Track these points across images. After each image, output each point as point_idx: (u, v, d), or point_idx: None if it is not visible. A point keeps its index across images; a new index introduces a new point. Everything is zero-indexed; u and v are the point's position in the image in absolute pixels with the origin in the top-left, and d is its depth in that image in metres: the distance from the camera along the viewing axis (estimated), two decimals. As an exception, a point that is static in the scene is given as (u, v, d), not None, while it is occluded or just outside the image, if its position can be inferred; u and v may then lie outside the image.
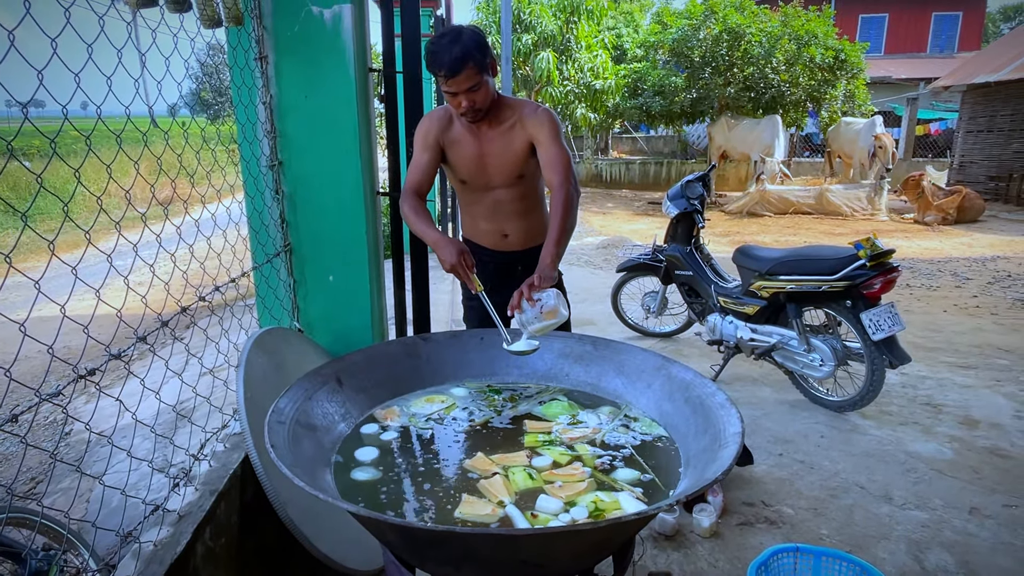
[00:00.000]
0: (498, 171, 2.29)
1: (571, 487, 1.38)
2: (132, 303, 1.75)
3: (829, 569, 2.19)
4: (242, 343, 2.04)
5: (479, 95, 2.08)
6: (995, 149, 14.36)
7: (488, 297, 2.05)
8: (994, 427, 3.58)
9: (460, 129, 2.25)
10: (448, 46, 1.98)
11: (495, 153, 2.25)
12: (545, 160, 2.19)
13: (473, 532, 1.15)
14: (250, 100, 2.27)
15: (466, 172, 2.30)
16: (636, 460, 1.50)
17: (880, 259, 3.40)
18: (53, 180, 8.14)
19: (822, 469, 3.14)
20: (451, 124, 2.25)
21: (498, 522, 1.26)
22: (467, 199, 2.44)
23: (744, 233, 10.70)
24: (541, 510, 1.30)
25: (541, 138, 2.19)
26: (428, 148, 2.25)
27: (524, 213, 2.43)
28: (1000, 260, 8.30)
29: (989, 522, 2.70)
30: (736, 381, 4.27)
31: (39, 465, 3.48)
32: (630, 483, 1.41)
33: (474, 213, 2.46)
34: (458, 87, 2.03)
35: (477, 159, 2.26)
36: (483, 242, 2.50)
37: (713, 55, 14.46)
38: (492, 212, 2.40)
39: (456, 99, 2.07)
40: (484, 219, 2.44)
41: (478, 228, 2.49)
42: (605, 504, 1.32)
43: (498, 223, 2.43)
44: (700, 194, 4.37)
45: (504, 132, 2.23)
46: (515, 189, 2.35)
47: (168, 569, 1.43)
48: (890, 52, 22.64)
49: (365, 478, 1.46)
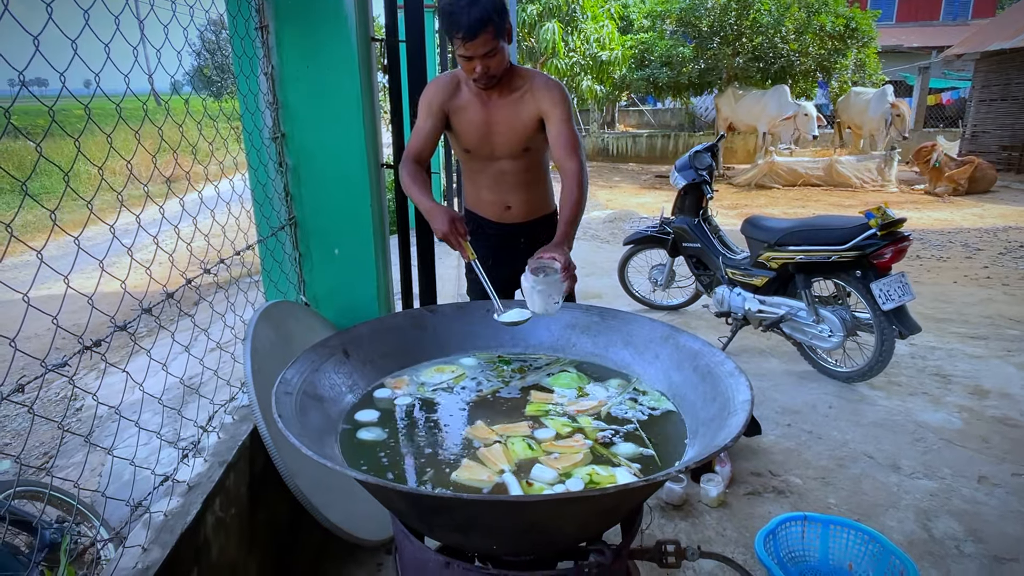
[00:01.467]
0: (504, 141, 2.25)
1: (568, 458, 1.37)
2: (139, 280, 1.74)
3: (837, 537, 2.20)
4: (249, 317, 2.04)
5: (495, 61, 2.03)
6: (1008, 118, 14.11)
7: (489, 269, 2.07)
8: (1004, 397, 3.56)
9: (467, 96, 2.20)
10: (467, 7, 1.91)
11: (502, 122, 2.21)
12: (556, 139, 2.15)
13: (480, 499, 1.15)
14: (251, 70, 2.24)
15: (471, 140, 2.26)
16: (639, 435, 1.49)
17: (891, 228, 3.35)
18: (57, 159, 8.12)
19: (830, 439, 3.14)
20: (458, 90, 2.21)
21: (492, 488, 1.27)
22: (471, 169, 2.40)
23: (752, 205, 10.61)
24: (536, 479, 1.30)
25: (553, 115, 2.15)
26: (432, 114, 2.20)
27: (528, 185, 2.40)
28: (1012, 231, 8.21)
29: (998, 490, 2.69)
30: (744, 353, 4.26)
31: (51, 440, 3.52)
32: (629, 457, 1.40)
33: (478, 183, 2.43)
34: (474, 51, 1.98)
35: (483, 127, 2.22)
36: (485, 213, 2.47)
37: (721, 24, 14.20)
38: (495, 183, 2.37)
39: (471, 63, 2.02)
40: (487, 190, 2.41)
41: (481, 199, 2.46)
42: (601, 477, 1.31)
43: (501, 195, 2.40)
44: (709, 164, 4.32)
45: (514, 102, 2.19)
46: (520, 161, 2.31)
47: (179, 538, 1.45)
48: (902, 20, 22.19)
49: (370, 438, 1.48)
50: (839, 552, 2.19)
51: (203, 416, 1.94)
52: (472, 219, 2.51)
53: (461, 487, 1.29)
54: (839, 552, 2.19)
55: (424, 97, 2.23)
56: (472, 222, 2.50)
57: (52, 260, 1.10)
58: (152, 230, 1.63)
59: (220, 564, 1.67)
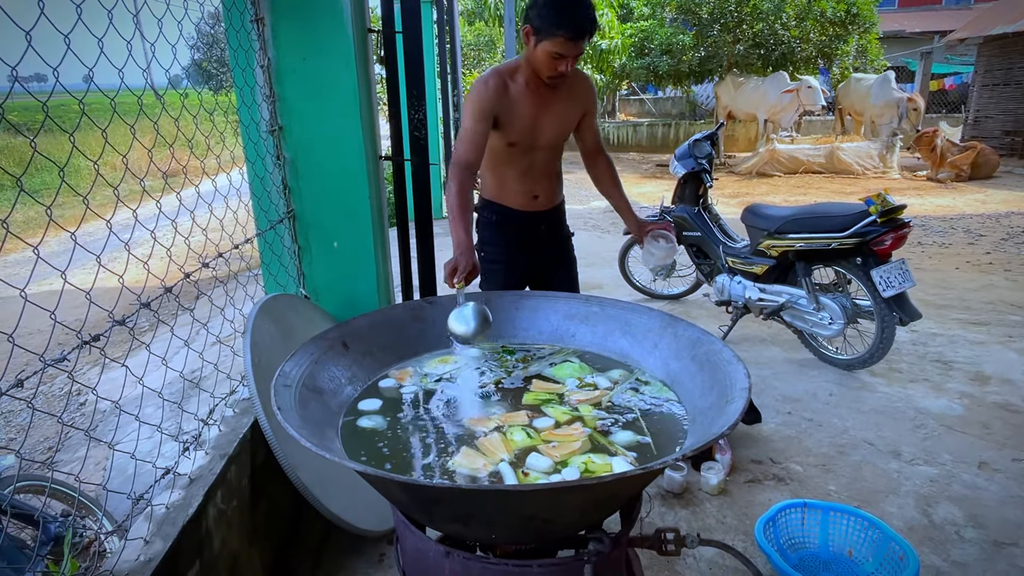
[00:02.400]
0: (551, 133, 2.33)
1: (565, 447, 1.38)
2: (138, 275, 1.75)
3: (836, 523, 2.21)
4: (248, 311, 2.05)
5: (574, 63, 2.11)
6: (1011, 103, 14.02)
7: (514, 255, 2.48)
8: (1005, 383, 3.56)
9: (518, 90, 2.24)
10: (578, 7, 1.97)
11: (553, 115, 2.30)
12: (592, 134, 2.46)
13: (479, 489, 1.15)
14: (247, 63, 2.24)
15: (518, 134, 2.29)
16: (638, 424, 1.49)
17: (891, 215, 3.35)
18: (57, 154, 8.12)
19: (831, 427, 3.14)
20: (507, 89, 2.23)
21: (488, 476, 1.28)
22: (504, 161, 2.41)
23: (754, 194, 10.58)
24: (531, 468, 1.31)
25: (591, 109, 2.40)
26: (484, 118, 2.20)
27: (554, 175, 2.52)
28: (1014, 216, 8.18)
29: (998, 476, 2.70)
30: (745, 341, 4.26)
31: (56, 435, 3.54)
32: (626, 446, 1.40)
33: (505, 176, 2.45)
34: (573, 51, 2.03)
35: (533, 119, 2.27)
36: (511, 203, 2.49)
37: (722, 11, 14.11)
38: (526, 174, 2.43)
39: (560, 61, 2.06)
40: (516, 181, 2.45)
41: (508, 189, 2.48)
42: (596, 466, 1.31)
43: (530, 184, 2.45)
44: (708, 153, 4.30)
45: (562, 97, 2.29)
46: (555, 151, 2.43)
47: (181, 531, 1.46)
48: (904, 5, 22.05)
49: (370, 426, 1.49)
50: (839, 538, 2.20)
51: (204, 410, 1.95)
52: (494, 210, 2.52)
53: (458, 475, 1.29)
54: (839, 538, 2.20)
55: (474, 100, 2.20)
56: (494, 212, 2.52)
57: (52, 256, 1.11)
58: (150, 225, 1.63)
59: (222, 556, 1.69)
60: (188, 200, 1.75)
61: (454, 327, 1.79)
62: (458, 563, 1.33)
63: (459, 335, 1.79)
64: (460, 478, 1.29)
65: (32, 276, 1.31)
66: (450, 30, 8.02)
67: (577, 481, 1.23)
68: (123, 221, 1.53)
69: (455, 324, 1.79)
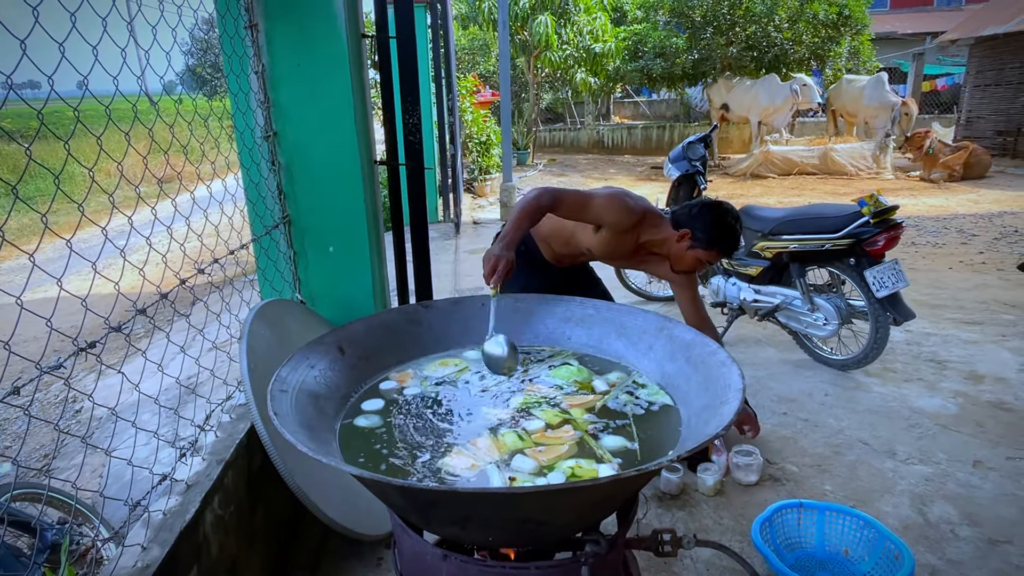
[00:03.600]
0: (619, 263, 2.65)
1: (553, 450, 1.38)
2: (134, 281, 1.75)
3: (832, 523, 2.22)
4: (245, 316, 2.05)
5: None
6: (1003, 103, 14.10)
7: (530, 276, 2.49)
8: (999, 381, 3.58)
9: (633, 239, 2.35)
10: (738, 234, 2.26)
11: (636, 262, 2.54)
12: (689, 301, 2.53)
13: (474, 491, 1.16)
14: (242, 69, 2.24)
15: (600, 254, 2.45)
16: (628, 429, 1.49)
17: (884, 215, 3.37)
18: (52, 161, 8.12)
19: (826, 427, 3.16)
20: (634, 229, 2.32)
21: (476, 477, 1.29)
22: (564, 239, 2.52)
23: (748, 195, 10.62)
24: (516, 469, 1.31)
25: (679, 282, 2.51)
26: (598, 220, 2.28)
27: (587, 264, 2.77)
28: (1007, 216, 8.22)
29: (992, 474, 2.72)
30: (740, 343, 4.28)
31: (52, 443, 3.53)
32: (615, 450, 1.40)
33: (554, 242, 2.57)
34: (715, 260, 2.32)
35: (616, 257, 2.50)
36: (542, 249, 2.63)
37: (714, 14, 14.17)
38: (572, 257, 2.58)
39: (700, 264, 2.32)
40: (559, 250, 2.58)
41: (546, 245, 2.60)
42: (583, 471, 1.30)
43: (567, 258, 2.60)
44: (702, 155, 4.33)
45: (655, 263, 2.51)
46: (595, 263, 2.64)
47: (178, 537, 1.46)
48: (896, 6, 22.16)
49: (366, 425, 1.51)
50: (835, 538, 2.21)
51: (201, 415, 1.95)
52: (527, 244, 2.60)
53: (446, 475, 1.31)
54: (835, 538, 2.21)
55: (616, 210, 2.25)
56: (525, 245, 2.59)
57: (48, 263, 1.11)
58: (145, 231, 1.64)
59: (220, 561, 1.69)
60: (183, 206, 1.75)
61: (490, 350, 1.80)
62: (455, 566, 1.34)
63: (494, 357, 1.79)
64: (448, 477, 1.30)
65: (28, 283, 1.31)
66: (444, 34, 8.04)
67: (573, 483, 1.23)
68: (119, 228, 1.53)
69: (491, 348, 1.80)
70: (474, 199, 11.08)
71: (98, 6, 1.40)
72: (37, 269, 1.20)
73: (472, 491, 1.14)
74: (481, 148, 11.29)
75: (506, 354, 1.78)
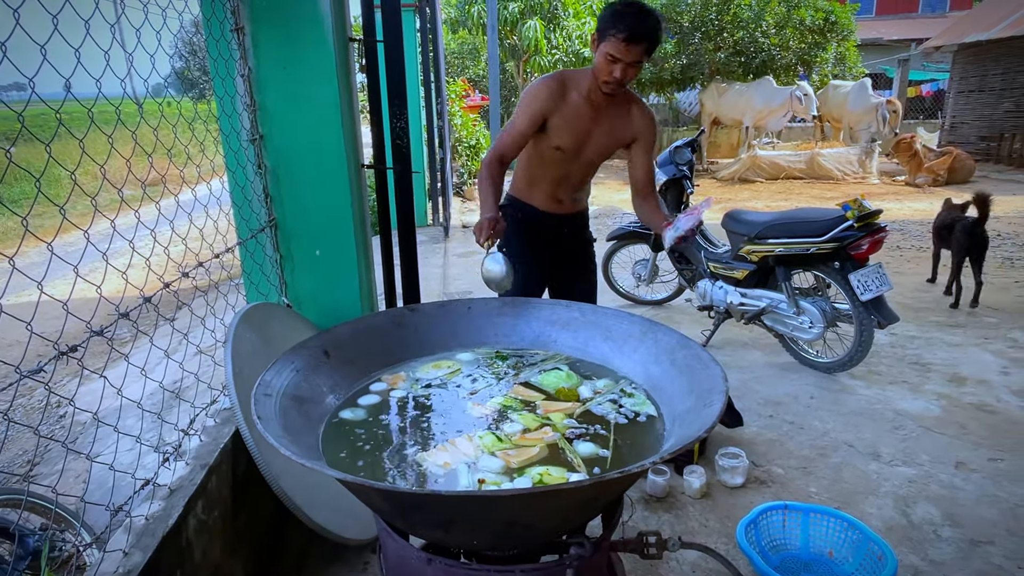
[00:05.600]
0: (597, 148, 2.38)
1: (523, 452, 1.38)
2: (117, 286, 1.74)
3: (817, 525, 2.24)
4: (230, 320, 2.04)
5: (632, 72, 2.13)
6: (986, 109, 14.30)
7: (535, 254, 2.48)
8: (981, 383, 3.62)
9: (577, 99, 2.27)
10: (639, 13, 2.03)
11: (602, 132, 2.34)
12: (641, 167, 2.39)
13: (454, 494, 1.16)
14: (227, 72, 2.24)
15: (567, 141, 2.33)
16: (606, 436, 1.48)
17: (867, 220, 3.40)
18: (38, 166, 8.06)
19: (812, 429, 3.18)
20: (565, 94, 2.27)
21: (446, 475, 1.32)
22: (541, 163, 2.45)
23: (736, 199, 10.69)
24: (483, 469, 1.33)
25: (644, 143, 2.38)
26: (532, 116, 2.26)
27: (583, 185, 2.57)
28: (990, 220, 8.30)
29: (975, 476, 2.74)
30: (727, 346, 4.30)
31: (33, 448, 3.49)
32: (587, 457, 1.39)
33: (539, 177, 2.49)
34: (626, 56, 2.07)
35: (584, 132, 2.32)
36: (536, 203, 2.55)
37: (702, 20, 14.29)
38: (560, 180, 2.47)
39: (614, 66, 2.10)
40: (547, 184, 2.49)
41: (536, 190, 2.53)
42: (552, 478, 1.30)
43: (559, 190, 2.51)
44: (689, 160, 4.35)
45: (617, 116, 2.32)
46: (593, 166, 2.47)
47: (160, 541, 1.45)
48: (881, 13, 22.41)
49: (351, 417, 1.56)
50: (819, 540, 2.23)
51: (185, 420, 1.93)
52: (519, 206, 2.57)
53: (422, 473, 1.33)
54: (819, 540, 2.23)
55: (530, 100, 2.26)
56: (519, 209, 2.57)
57: (30, 267, 1.10)
58: (129, 235, 1.63)
59: (203, 566, 1.68)
60: (168, 210, 1.74)
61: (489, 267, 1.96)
62: (440, 570, 1.33)
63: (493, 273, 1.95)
64: (424, 472, 1.33)
65: (8, 287, 1.30)
66: (433, 38, 8.05)
67: (556, 486, 1.23)
68: (102, 231, 1.52)
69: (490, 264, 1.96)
70: (463, 203, 11.09)
71: (82, 8, 1.39)
72: (18, 273, 1.19)
73: (453, 494, 1.14)
74: (470, 152, 11.30)
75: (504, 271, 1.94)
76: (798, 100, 12.19)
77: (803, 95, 12.12)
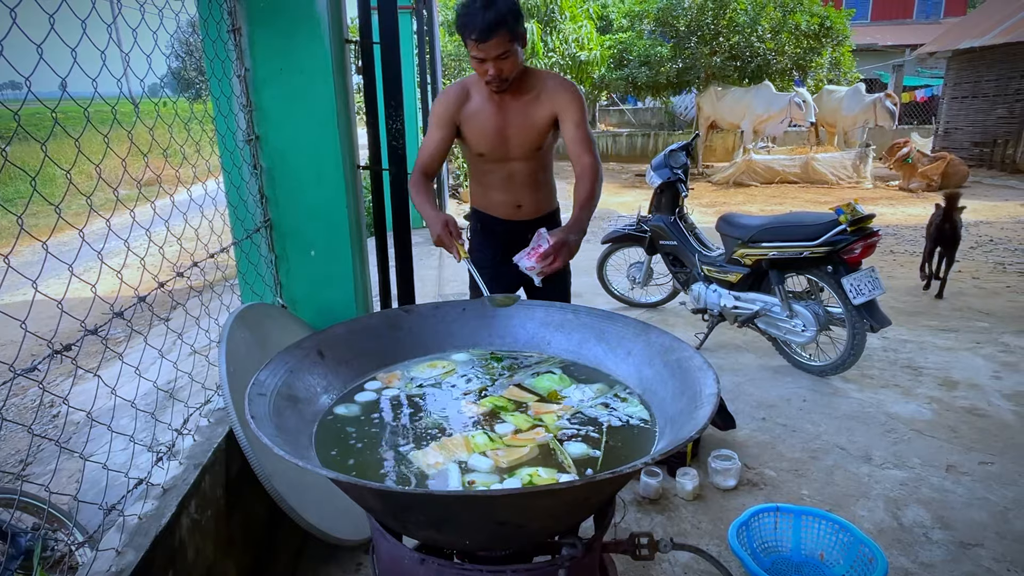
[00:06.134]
0: (518, 143, 2.27)
1: (513, 452, 1.39)
2: (112, 285, 1.74)
3: (808, 527, 2.25)
4: (224, 320, 2.04)
5: (507, 64, 2.05)
6: (979, 115, 14.39)
7: (498, 265, 2.27)
8: (972, 387, 3.65)
9: (479, 101, 2.22)
10: (481, 9, 1.94)
11: (516, 125, 2.23)
12: (571, 138, 2.19)
13: (447, 494, 1.17)
14: (224, 73, 2.24)
15: (484, 145, 2.27)
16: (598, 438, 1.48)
17: (860, 224, 3.42)
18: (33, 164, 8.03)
19: (804, 432, 3.19)
20: (468, 98, 2.23)
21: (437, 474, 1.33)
22: (481, 170, 2.42)
23: (731, 203, 10.72)
24: (472, 468, 1.34)
25: (568, 115, 2.19)
26: (441, 127, 2.23)
27: (537, 184, 2.44)
28: (983, 225, 8.38)
29: (965, 479, 2.76)
30: (720, 348, 4.32)
31: (26, 448, 3.48)
32: (577, 457, 1.40)
33: (488, 184, 2.44)
34: (487, 53, 2.00)
35: (497, 130, 2.24)
36: (495, 212, 2.49)
37: (699, 24, 14.34)
38: (507, 184, 2.40)
39: (483, 66, 2.04)
40: (498, 190, 2.43)
41: (491, 199, 2.47)
42: (541, 479, 1.31)
43: (512, 194, 2.42)
44: (683, 163, 4.37)
45: (527, 103, 2.21)
46: (532, 162, 2.35)
47: (153, 541, 1.45)
48: (876, 19, 22.53)
49: (344, 413, 1.58)
50: (810, 542, 2.24)
51: (179, 420, 1.94)
52: (480, 218, 2.54)
53: (413, 468, 1.35)
54: (810, 542, 2.24)
55: (434, 110, 2.26)
56: (480, 221, 2.54)
57: (24, 265, 1.10)
58: (125, 234, 1.63)
59: (196, 566, 1.68)
60: (163, 210, 1.74)
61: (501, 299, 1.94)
62: (433, 570, 1.34)
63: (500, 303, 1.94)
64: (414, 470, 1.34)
65: (2, 287, 1.30)
66: (430, 40, 8.06)
67: (548, 486, 1.24)
68: (97, 231, 1.53)
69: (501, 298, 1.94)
70: (459, 204, 11.09)
71: (78, 8, 1.39)
72: (13, 272, 1.20)
73: (445, 494, 1.15)
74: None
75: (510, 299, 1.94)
76: (797, 106, 12.21)
77: (802, 101, 12.16)
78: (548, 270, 1.92)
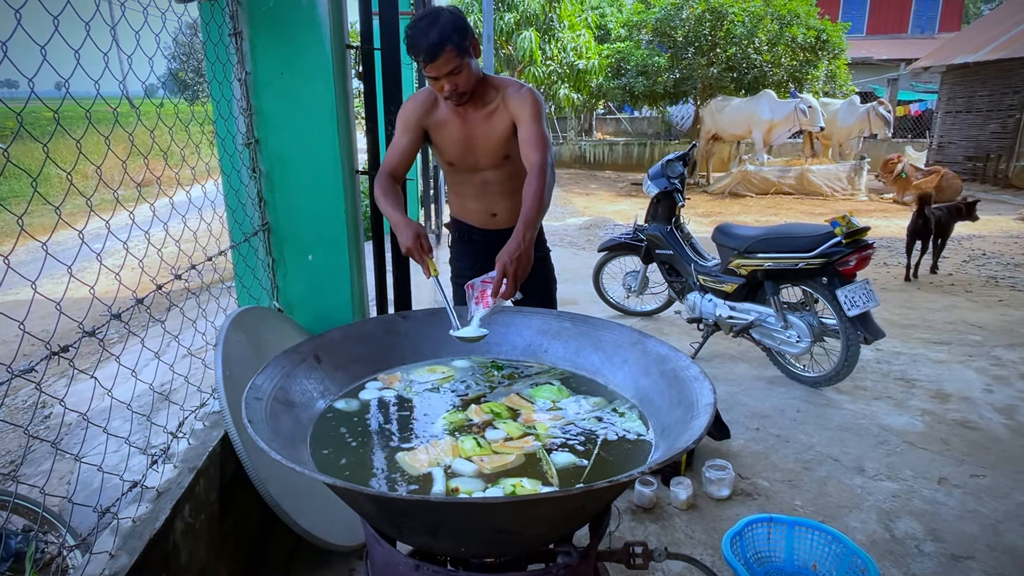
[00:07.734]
0: (484, 153, 2.26)
1: (498, 459, 1.39)
2: (109, 286, 1.74)
3: (801, 538, 2.25)
4: (221, 323, 2.04)
5: (461, 78, 2.04)
6: (973, 130, 14.51)
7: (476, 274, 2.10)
8: (964, 400, 3.66)
9: (445, 111, 2.21)
10: (425, 30, 1.94)
11: (480, 135, 2.23)
12: (523, 138, 2.15)
13: (443, 501, 1.17)
14: (225, 76, 2.25)
15: (453, 154, 2.27)
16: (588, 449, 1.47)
17: (855, 236, 3.45)
18: (32, 164, 8.01)
19: (797, 443, 3.20)
20: (435, 106, 2.21)
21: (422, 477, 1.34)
22: (455, 180, 2.41)
23: (726, 213, 10.77)
24: (456, 472, 1.35)
25: (522, 116, 2.16)
26: (408, 131, 2.21)
27: (512, 192, 2.40)
28: (976, 239, 8.44)
29: (957, 491, 2.78)
30: (715, 358, 4.33)
31: (19, 448, 3.46)
32: (562, 467, 1.39)
33: (462, 193, 2.43)
34: (438, 71, 2.00)
35: (463, 142, 2.23)
36: (472, 221, 2.48)
37: (696, 35, 14.44)
38: (480, 192, 2.38)
39: (438, 83, 2.05)
40: (472, 199, 2.42)
41: (467, 208, 2.46)
42: (524, 490, 1.30)
43: (486, 203, 2.41)
44: (680, 173, 4.39)
45: (489, 114, 2.21)
46: (502, 170, 2.32)
47: (147, 544, 1.44)
48: (872, 33, 22.71)
49: (343, 408, 1.61)
50: (804, 553, 2.24)
51: (174, 423, 1.93)
52: (459, 227, 2.53)
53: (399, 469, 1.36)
54: (804, 553, 2.24)
55: (401, 113, 2.24)
56: (459, 230, 2.53)
57: (21, 265, 1.10)
58: (123, 235, 1.63)
59: (189, 570, 1.67)
60: (162, 211, 1.74)
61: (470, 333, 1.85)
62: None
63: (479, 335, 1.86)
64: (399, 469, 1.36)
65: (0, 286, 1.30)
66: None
67: (543, 494, 1.25)
68: (95, 231, 1.52)
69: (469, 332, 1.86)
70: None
71: (82, 9, 1.40)
72: (12, 271, 1.19)
73: (441, 500, 1.15)
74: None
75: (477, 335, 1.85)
76: (802, 112, 12.23)
77: (807, 107, 12.15)
78: (511, 290, 1.86)
